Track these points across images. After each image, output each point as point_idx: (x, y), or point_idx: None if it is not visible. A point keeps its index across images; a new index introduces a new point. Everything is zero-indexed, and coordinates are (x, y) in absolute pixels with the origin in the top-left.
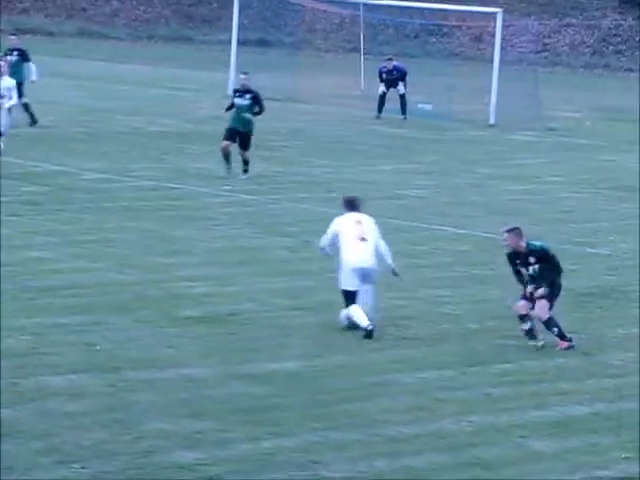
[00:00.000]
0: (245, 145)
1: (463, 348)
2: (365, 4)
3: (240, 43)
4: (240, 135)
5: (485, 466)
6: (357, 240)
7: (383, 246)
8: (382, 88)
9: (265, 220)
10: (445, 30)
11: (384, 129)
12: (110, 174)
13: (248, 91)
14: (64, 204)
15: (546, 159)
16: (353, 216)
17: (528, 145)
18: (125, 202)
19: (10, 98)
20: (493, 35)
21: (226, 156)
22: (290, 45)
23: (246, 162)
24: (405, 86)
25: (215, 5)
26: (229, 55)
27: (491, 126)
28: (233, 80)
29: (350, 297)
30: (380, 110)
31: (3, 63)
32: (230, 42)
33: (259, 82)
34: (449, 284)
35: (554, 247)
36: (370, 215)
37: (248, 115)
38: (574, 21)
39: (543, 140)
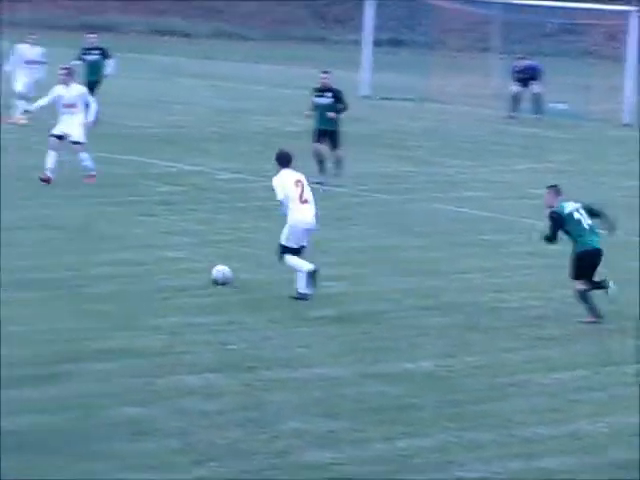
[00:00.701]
0: (334, 144)
1: (598, 348)
2: (499, 3)
3: (373, 43)
4: (328, 134)
5: (622, 468)
6: (301, 202)
7: None
8: (515, 87)
9: (399, 220)
10: (579, 29)
11: (517, 128)
12: (244, 174)
13: (329, 90)
14: (198, 204)
15: None
16: (292, 175)
17: None
18: (259, 202)
19: (85, 106)
20: (628, 33)
21: (319, 158)
22: (423, 45)
23: (339, 161)
24: (540, 85)
25: (349, 5)
26: (362, 55)
27: (626, 125)
28: (366, 80)
29: (291, 253)
30: (513, 109)
31: (67, 71)
32: (363, 42)
33: (391, 82)
34: None
35: None
36: (504, 214)
37: (331, 114)
38: None
39: None
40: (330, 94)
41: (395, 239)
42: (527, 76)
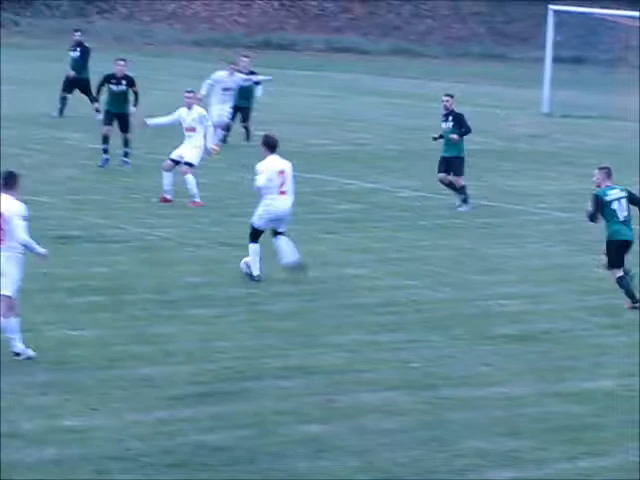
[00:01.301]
0: (456, 171)
1: None
2: None
3: (554, 60)
4: (449, 161)
5: None
6: (279, 192)
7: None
8: None
9: (581, 238)
10: None
11: None
12: (424, 192)
13: (450, 114)
14: (379, 222)
15: None
16: (277, 164)
17: None
18: (439, 220)
19: (204, 128)
20: None
21: (448, 186)
22: (605, 62)
23: (460, 189)
24: None
25: (530, 23)
26: (543, 72)
27: None
28: (547, 98)
29: (259, 234)
30: None
31: (192, 94)
32: (544, 59)
33: (573, 99)
34: None
35: None
36: None
37: (453, 136)
38: None
39: None
40: (450, 117)
41: (577, 257)
42: None
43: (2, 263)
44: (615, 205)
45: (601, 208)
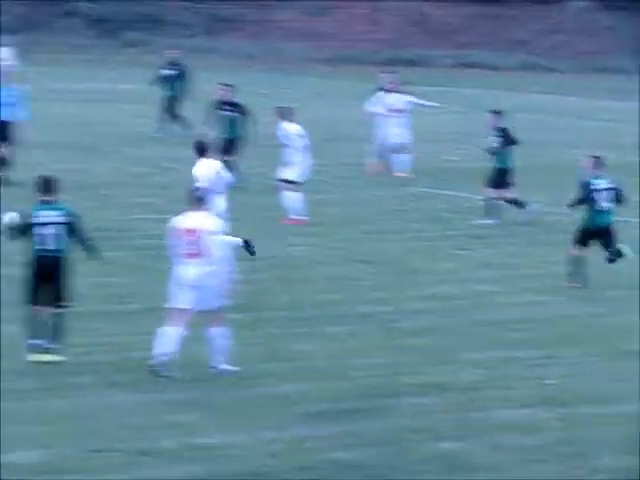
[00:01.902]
0: (503, 181)
1: None
2: None
3: None
4: (498, 172)
5: None
6: (217, 192)
7: None
8: None
9: None
10: None
11: None
12: (556, 207)
13: (497, 130)
14: (512, 237)
15: None
16: (211, 165)
17: None
18: (571, 235)
19: (298, 144)
20: None
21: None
22: None
23: (511, 201)
24: None
25: None
26: None
27: None
28: None
29: None
30: None
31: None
32: None
33: None
34: None
35: None
36: None
37: (495, 152)
38: None
39: None
40: (500, 133)
41: None
42: None
43: (197, 278)
44: (596, 194)
45: (587, 194)
